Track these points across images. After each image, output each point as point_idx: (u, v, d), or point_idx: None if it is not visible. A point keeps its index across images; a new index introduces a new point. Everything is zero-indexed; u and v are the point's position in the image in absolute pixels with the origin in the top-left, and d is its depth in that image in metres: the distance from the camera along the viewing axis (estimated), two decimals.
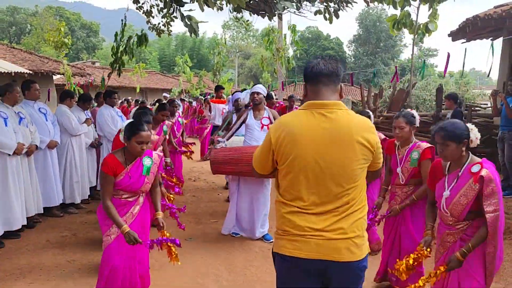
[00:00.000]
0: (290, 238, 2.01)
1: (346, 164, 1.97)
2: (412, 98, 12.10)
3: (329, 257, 1.95)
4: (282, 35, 12.49)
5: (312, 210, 1.98)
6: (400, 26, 6.47)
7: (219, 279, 4.00)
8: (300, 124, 2.01)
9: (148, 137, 3.09)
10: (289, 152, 1.99)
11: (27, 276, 3.94)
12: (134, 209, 3.19)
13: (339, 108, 2.02)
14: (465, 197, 2.52)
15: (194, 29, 5.27)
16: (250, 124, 5.11)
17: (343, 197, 1.98)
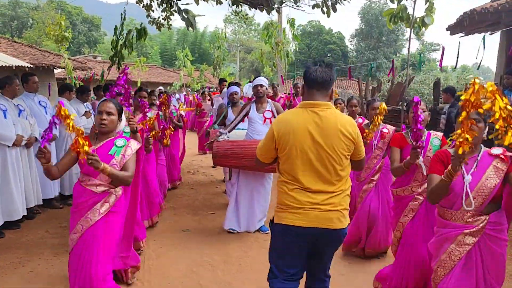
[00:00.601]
0: (291, 211, 2.49)
1: (332, 151, 2.46)
2: (410, 92, 12.14)
3: (324, 225, 2.46)
4: (281, 29, 12.51)
5: (309, 189, 2.47)
6: (397, 19, 6.46)
7: (214, 268, 4.08)
8: (297, 120, 2.51)
9: (109, 107, 2.88)
10: (288, 142, 2.49)
11: (26, 265, 4.03)
12: (102, 207, 2.85)
13: (328, 107, 2.53)
14: (492, 179, 2.35)
15: (191, 22, 5.34)
16: (252, 117, 5.04)
17: (332, 178, 2.48)
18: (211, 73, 23.35)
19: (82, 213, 2.85)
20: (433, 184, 2.44)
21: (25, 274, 3.84)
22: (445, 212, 2.48)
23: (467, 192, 2.37)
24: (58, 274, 3.80)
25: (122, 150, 2.93)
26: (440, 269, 2.44)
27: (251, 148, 4.61)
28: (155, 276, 3.85)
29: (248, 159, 4.63)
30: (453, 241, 2.40)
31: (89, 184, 2.87)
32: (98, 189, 2.88)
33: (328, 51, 47.02)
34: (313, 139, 2.45)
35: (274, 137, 2.53)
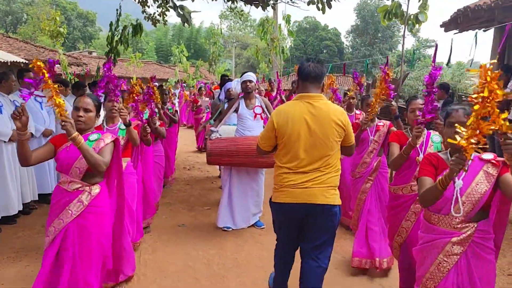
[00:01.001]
0: (282, 190, 2.86)
1: (325, 137, 2.79)
2: (405, 88, 12.22)
3: (308, 201, 2.78)
4: (277, 25, 12.53)
5: (300, 170, 2.81)
6: (391, 16, 6.51)
7: (209, 263, 4.13)
8: (293, 110, 2.85)
9: (86, 103, 2.77)
10: (286, 130, 2.83)
11: (23, 259, 4.06)
12: (74, 207, 2.69)
13: (321, 98, 2.86)
14: (483, 184, 2.26)
15: (187, 18, 5.36)
16: (242, 114, 5.02)
17: (323, 160, 2.80)
18: (206, 69, 23.33)
19: (56, 214, 2.71)
20: (424, 187, 2.34)
21: (22, 268, 3.87)
22: (431, 216, 2.37)
23: (457, 197, 2.28)
24: None
25: (94, 144, 2.78)
26: (429, 282, 2.33)
27: (246, 145, 4.66)
28: (151, 270, 3.90)
29: (244, 155, 4.68)
30: (441, 251, 2.30)
31: (62, 182, 2.76)
32: (70, 186, 2.72)
33: (324, 47, 47.06)
34: (309, 126, 2.79)
35: (274, 126, 2.87)
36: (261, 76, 18.75)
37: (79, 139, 2.56)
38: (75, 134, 2.55)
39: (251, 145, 4.53)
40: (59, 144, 2.79)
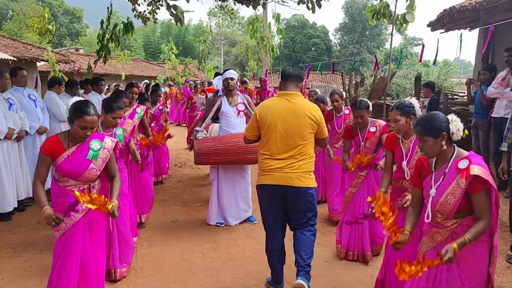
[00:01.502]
0: (265, 174, 3.29)
1: (299, 129, 3.23)
2: (393, 86, 12.42)
3: (286, 183, 3.21)
4: (267, 24, 12.65)
5: (278, 156, 3.25)
6: (379, 16, 6.66)
7: (204, 256, 4.24)
8: (273, 105, 3.32)
9: (93, 122, 2.76)
10: (266, 121, 3.27)
11: (21, 254, 4.13)
12: (84, 204, 2.78)
13: (298, 96, 3.33)
14: (453, 196, 2.31)
15: (180, 18, 5.43)
16: (226, 111, 5.02)
17: (297, 149, 3.24)
18: (196, 67, 23.33)
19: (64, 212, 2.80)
20: (412, 199, 2.66)
21: (20, 263, 3.94)
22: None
23: (428, 210, 2.42)
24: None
25: (100, 153, 2.88)
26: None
27: (233, 143, 4.71)
28: (148, 264, 4.00)
29: (231, 153, 4.73)
30: (427, 234, 2.48)
31: (68, 185, 2.83)
32: (78, 187, 2.84)
33: (312, 45, 47.23)
34: (285, 119, 3.23)
35: (257, 118, 3.33)
36: (250, 74, 18.85)
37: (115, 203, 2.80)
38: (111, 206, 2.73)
39: (238, 143, 4.63)
40: (56, 154, 2.78)
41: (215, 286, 3.63)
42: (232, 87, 5.00)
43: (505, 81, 5.48)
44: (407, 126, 3.21)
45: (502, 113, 5.41)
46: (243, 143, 4.15)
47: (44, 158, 2.79)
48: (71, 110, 2.77)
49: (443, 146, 2.37)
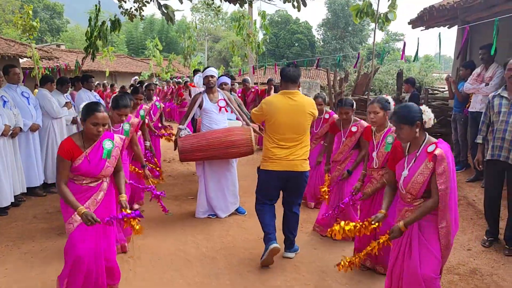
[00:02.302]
0: (272, 161, 3.86)
1: (300, 123, 3.83)
2: (376, 82, 12.74)
3: (291, 169, 3.83)
4: (252, 20, 12.84)
5: (283, 146, 3.83)
6: (363, 15, 6.92)
7: (198, 246, 4.44)
8: (278, 102, 3.85)
9: (104, 118, 2.94)
10: (273, 116, 3.82)
11: (21, 247, 4.27)
12: (98, 196, 3.06)
13: (298, 94, 3.88)
14: (422, 176, 2.66)
15: (171, 17, 5.58)
16: (207, 108, 5.14)
17: (299, 139, 3.84)
18: (181, 63, 23.36)
19: (81, 203, 2.94)
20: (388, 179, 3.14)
21: (21, 255, 4.08)
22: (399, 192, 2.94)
23: (401, 185, 2.82)
24: (53, 255, 4.07)
25: (113, 152, 3.11)
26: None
27: (215, 138, 4.88)
28: (145, 254, 4.19)
29: (214, 148, 4.88)
30: (399, 213, 2.89)
31: (84, 183, 3.02)
32: (93, 183, 3.06)
33: (296, 41, 47.53)
34: (288, 114, 3.78)
35: (264, 112, 3.86)
36: (236, 70, 18.99)
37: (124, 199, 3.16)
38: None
39: (220, 138, 4.85)
40: (74, 156, 2.93)
41: (210, 273, 3.83)
42: (213, 84, 5.14)
43: (480, 77, 5.79)
44: (383, 119, 3.65)
45: (478, 108, 5.71)
46: (226, 138, 4.73)
47: (65, 163, 2.92)
48: (83, 111, 2.94)
49: (417, 133, 2.74)
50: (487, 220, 4.39)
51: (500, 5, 6.22)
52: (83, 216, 2.82)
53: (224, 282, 3.66)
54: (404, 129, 2.73)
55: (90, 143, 3.01)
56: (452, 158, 2.67)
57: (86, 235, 2.98)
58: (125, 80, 23.46)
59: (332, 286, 3.60)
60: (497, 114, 4.07)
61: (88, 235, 2.99)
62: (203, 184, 5.28)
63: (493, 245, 4.28)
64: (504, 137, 3.96)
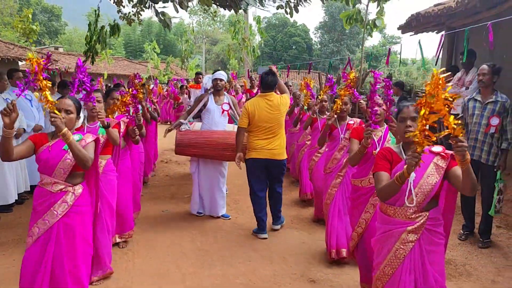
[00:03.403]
0: (255, 151, 4.68)
1: (276, 118, 4.69)
2: (367, 85, 13.02)
3: (271, 157, 4.67)
4: (248, 25, 13.15)
5: (263, 138, 4.66)
6: (352, 21, 7.25)
7: (193, 240, 4.73)
8: (258, 103, 4.68)
9: (65, 104, 2.80)
10: (255, 114, 4.62)
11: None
12: (59, 208, 2.75)
13: (273, 95, 4.74)
14: (433, 176, 2.39)
15: (168, 24, 5.87)
16: (211, 109, 5.30)
17: (276, 132, 4.69)
18: (178, 66, 23.65)
19: (40, 215, 2.76)
20: (381, 182, 2.45)
21: None
22: (387, 208, 2.50)
23: (410, 189, 2.39)
24: None
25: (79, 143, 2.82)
26: (387, 268, 2.46)
27: (213, 139, 5.11)
28: (143, 247, 4.46)
29: (212, 148, 5.10)
30: (398, 239, 2.42)
31: (45, 183, 2.79)
32: (54, 188, 2.78)
33: (293, 44, 47.85)
34: (268, 112, 4.64)
35: (248, 112, 4.64)
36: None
37: (68, 135, 2.63)
38: (65, 130, 2.61)
39: (217, 139, 5.10)
40: (40, 144, 2.79)
41: (204, 263, 4.12)
42: (220, 87, 5.33)
43: (461, 81, 6.10)
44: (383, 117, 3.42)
45: (459, 111, 6.00)
46: (223, 141, 5.01)
47: (26, 140, 2.82)
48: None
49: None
50: (463, 215, 4.68)
51: (482, 12, 6.53)
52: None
53: (216, 272, 3.94)
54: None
55: (58, 137, 2.75)
56: None
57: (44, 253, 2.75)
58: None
59: (317, 275, 3.89)
60: (471, 116, 4.37)
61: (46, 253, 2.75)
62: (196, 181, 5.47)
63: (468, 239, 4.58)
64: (477, 137, 4.28)
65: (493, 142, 4.23)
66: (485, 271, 3.92)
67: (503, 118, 4.20)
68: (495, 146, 4.24)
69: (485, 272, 3.90)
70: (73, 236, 2.81)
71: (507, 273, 3.88)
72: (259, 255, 4.34)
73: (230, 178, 6.99)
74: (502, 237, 4.66)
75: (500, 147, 4.24)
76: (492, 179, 4.27)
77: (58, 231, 2.75)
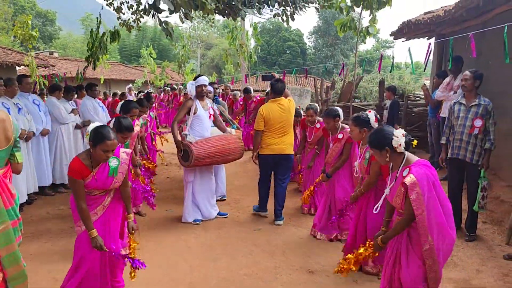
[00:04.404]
0: (268, 147, 5.35)
1: (287, 119, 5.35)
2: (360, 90, 13.41)
3: (281, 152, 5.35)
4: (244, 31, 13.49)
5: (276, 136, 5.32)
6: (346, 29, 7.59)
7: (198, 236, 5.01)
8: (271, 107, 5.33)
9: (113, 145, 3.04)
10: (270, 117, 5.27)
11: (40, 238, 4.80)
12: (106, 201, 3.24)
13: (283, 100, 5.39)
14: (399, 198, 2.77)
15: (170, 32, 6.14)
16: (201, 115, 5.40)
17: (286, 131, 5.35)
18: (176, 71, 23.92)
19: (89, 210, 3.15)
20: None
21: (42, 243, 4.62)
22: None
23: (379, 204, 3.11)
24: (71, 244, 4.57)
25: (120, 169, 3.21)
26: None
27: (222, 146, 5.30)
28: (151, 243, 4.74)
29: (220, 156, 5.29)
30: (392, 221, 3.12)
31: (95, 193, 3.20)
32: (102, 193, 3.26)
33: (287, 48, 48.29)
34: (280, 115, 5.30)
35: (263, 116, 5.30)
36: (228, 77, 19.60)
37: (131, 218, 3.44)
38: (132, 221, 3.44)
39: (224, 145, 5.32)
40: (85, 176, 3.08)
41: (209, 257, 4.40)
42: (205, 93, 5.49)
43: (449, 86, 6.44)
44: (360, 135, 3.90)
45: (447, 113, 6.33)
46: (228, 146, 5.35)
47: (78, 183, 3.06)
48: (92, 136, 3.02)
49: (387, 158, 2.86)
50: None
51: (469, 21, 6.88)
52: (93, 240, 3.05)
53: (221, 265, 4.23)
54: (375, 152, 2.95)
55: (97, 163, 3.12)
56: (429, 179, 2.68)
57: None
58: (119, 88, 23.93)
59: (315, 267, 4.18)
60: (456, 119, 4.70)
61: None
62: (191, 190, 5.52)
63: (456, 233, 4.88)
64: (461, 138, 4.60)
65: (477, 143, 4.56)
66: (470, 262, 4.23)
67: (486, 120, 4.53)
68: (478, 146, 4.57)
69: (470, 263, 4.21)
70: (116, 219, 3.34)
71: (490, 263, 4.19)
72: (260, 250, 4.62)
73: (230, 180, 7.29)
74: (487, 231, 4.98)
75: (483, 147, 4.57)
76: (477, 177, 4.59)
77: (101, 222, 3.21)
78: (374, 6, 6.95)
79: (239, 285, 3.83)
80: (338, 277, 3.94)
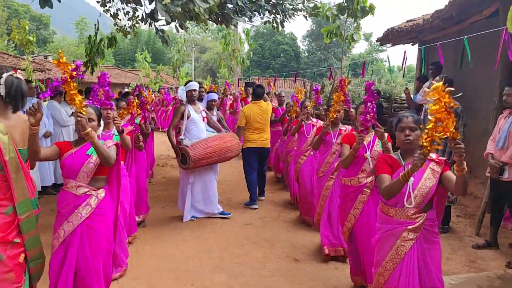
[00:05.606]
0: (250, 141, 6.46)
1: (265, 119, 6.55)
2: (349, 94, 13.82)
3: (262, 146, 6.52)
4: (237, 37, 13.92)
5: (256, 132, 6.47)
6: (332, 36, 8.04)
7: (193, 230, 5.40)
8: (252, 108, 6.50)
9: (89, 114, 2.98)
10: (250, 116, 6.40)
11: (46, 232, 5.10)
12: (83, 210, 2.93)
13: (262, 102, 6.61)
14: (430, 180, 2.58)
15: (166, 39, 6.52)
16: (195, 119, 5.56)
17: (265, 128, 6.58)
18: (170, 75, 24.29)
19: (65, 218, 2.94)
20: (385, 183, 2.63)
21: (49, 238, 4.93)
22: (389, 209, 2.70)
23: (409, 192, 2.60)
24: None
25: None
26: (389, 264, 2.64)
27: (218, 145, 5.55)
28: (149, 236, 5.12)
29: (217, 155, 5.53)
30: (398, 237, 2.61)
31: (69, 187, 2.96)
32: (78, 191, 2.95)
33: (281, 52, 48.63)
34: (259, 115, 6.40)
35: (245, 115, 6.38)
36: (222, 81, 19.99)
37: (92, 134, 2.80)
38: (89, 130, 2.78)
39: (220, 145, 5.61)
40: (64, 150, 2.97)
41: (203, 249, 4.79)
42: (195, 97, 5.67)
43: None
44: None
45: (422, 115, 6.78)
46: (224, 145, 5.57)
47: (52, 145, 3.02)
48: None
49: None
50: None
51: (447, 28, 7.32)
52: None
53: (214, 255, 4.61)
54: (417, 131, 2.67)
55: (81, 143, 3.02)
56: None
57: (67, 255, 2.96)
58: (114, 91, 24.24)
59: (300, 256, 4.58)
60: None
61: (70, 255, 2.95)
62: (190, 191, 5.69)
63: None
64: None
65: (447, 141, 4.96)
66: (442, 251, 4.61)
67: (456, 122, 4.93)
68: (449, 145, 4.97)
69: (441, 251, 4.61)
70: (97, 236, 3.00)
71: (460, 252, 4.61)
72: (251, 242, 5.01)
73: (223, 179, 7.68)
74: (460, 224, 5.41)
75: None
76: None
77: (82, 233, 2.94)
78: (358, 14, 7.40)
79: (230, 272, 4.21)
80: (320, 264, 4.36)
